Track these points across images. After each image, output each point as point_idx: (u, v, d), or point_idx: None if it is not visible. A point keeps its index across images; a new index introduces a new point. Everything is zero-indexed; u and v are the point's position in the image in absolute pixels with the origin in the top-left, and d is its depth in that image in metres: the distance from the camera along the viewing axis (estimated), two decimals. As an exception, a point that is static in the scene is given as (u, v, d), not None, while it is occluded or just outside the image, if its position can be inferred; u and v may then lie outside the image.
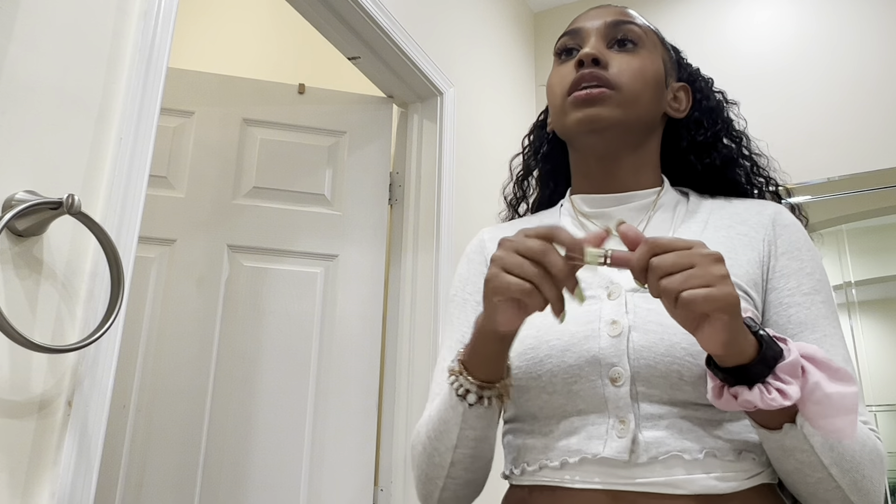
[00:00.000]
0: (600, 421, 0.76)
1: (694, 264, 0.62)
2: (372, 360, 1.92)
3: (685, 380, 0.73)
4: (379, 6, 1.82)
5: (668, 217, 0.89)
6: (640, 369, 0.74)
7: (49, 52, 1.00)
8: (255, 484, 1.76)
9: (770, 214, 0.86)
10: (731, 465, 0.73)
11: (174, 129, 1.95)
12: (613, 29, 0.89)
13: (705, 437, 0.73)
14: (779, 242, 0.84)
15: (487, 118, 2.41)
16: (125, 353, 1.72)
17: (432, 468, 0.82)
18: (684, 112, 0.95)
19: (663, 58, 0.93)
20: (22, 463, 0.90)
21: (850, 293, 2.40)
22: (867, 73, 2.33)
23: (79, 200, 0.89)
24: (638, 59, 0.88)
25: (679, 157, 0.97)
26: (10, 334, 0.85)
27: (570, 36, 0.92)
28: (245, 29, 2.75)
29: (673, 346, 0.74)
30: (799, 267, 0.82)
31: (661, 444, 0.72)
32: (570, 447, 0.76)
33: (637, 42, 0.89)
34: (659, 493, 0.71)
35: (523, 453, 0.81)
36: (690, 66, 1.01)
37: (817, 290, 0.81)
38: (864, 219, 2.41)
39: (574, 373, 0.77)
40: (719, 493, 0.71)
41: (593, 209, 0.91)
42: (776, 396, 0.63)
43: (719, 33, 2.59)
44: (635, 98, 0.86)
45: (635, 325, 0.77)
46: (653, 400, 0.75)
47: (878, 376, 2.27)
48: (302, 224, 1.97)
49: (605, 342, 0.77)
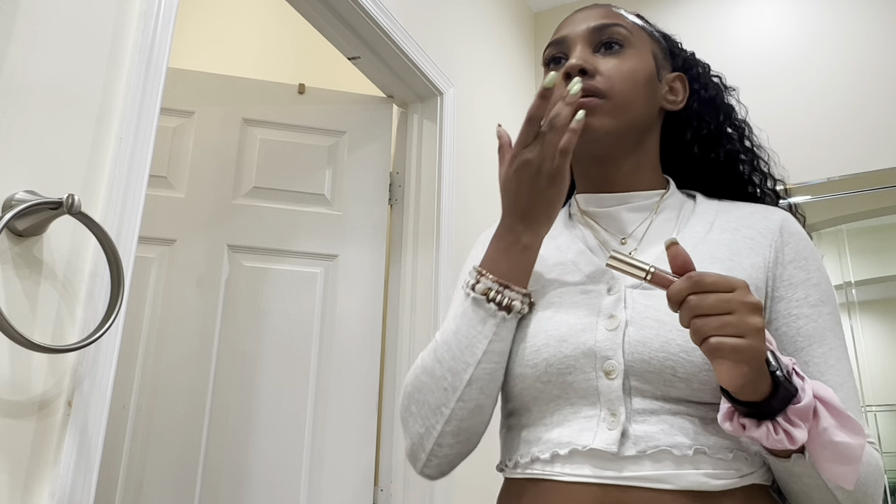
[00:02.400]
0: (592, 413, 0.76)
1: (732, 311, 0.62)
2: (372, 360, 1.92)
3: (679, 376, 0.73)
4: (379, 6, 1.82)
5: (673, 217, 0.89)
6: (634, 363, 0.75)
7: (49, 52, 1.00)
8: (255, 484, 1.76)
9: (778, 221, 0.86)
10: (722, 463, 0.72)
11: (174, 129, 1.95)
12: (598, 33, 0.88)
13: (696, 434, 0.73)
14: (786, 250, 0.83)
15: (487, 118, 2.41)
16: (125, 353, 1.72)
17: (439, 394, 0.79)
18: (682, 103, 0.93)
19: (653, 52, 0.92)
20: (22, 463, 0.90)
21: (850, 293, 2.40)
22: (867, 74, 2.33)
23: (79, 200, 0.89)
24: (626, 61, 0.87)
25: (682, 150, 0.96)
26: (10, 334, 0.85)
27: (556, 45, 0.92)
28: (245, 29, 2.75)
29: (668, 343, 0.74)
30: (806, 277, 0.82)
31: (650, 438, 0.72)
32: (560, 439, 0.76)
33: (623, 43, 0.88)
34: (647, 487, 0.71)
35: (517, 446, 0.81)
36: (685, 52, 0.99)
37: (824, 302, 0.82)
38: (864, 219, 2.41)
39: (569, 364, 0.77)
40: (709, 489, 0.71)
41: (596, 208, 0.91)
42: (783, 438, 0.64)
43: (719, 33, 2.59)
44: (626, 103, 0.85)
45: (632, 319, 0.77)
46: (645, 395, 0.75)
47: (878, 376, 2.27)
48: (302, 224, 1.97)
49: (602, 335, 0.77)
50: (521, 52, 2.80)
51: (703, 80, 0.97)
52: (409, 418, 0.83)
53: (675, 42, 0.99)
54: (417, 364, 0.84)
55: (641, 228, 0.88)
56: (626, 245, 0.87)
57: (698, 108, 0.95)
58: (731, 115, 0.97)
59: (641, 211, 0.89)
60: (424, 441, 0.81)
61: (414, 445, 0.83)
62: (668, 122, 0.95)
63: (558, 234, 0.92)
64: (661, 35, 0.97)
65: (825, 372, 0.78)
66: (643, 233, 0.88)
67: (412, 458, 0.84)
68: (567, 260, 0.87)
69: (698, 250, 0.83)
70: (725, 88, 0.99)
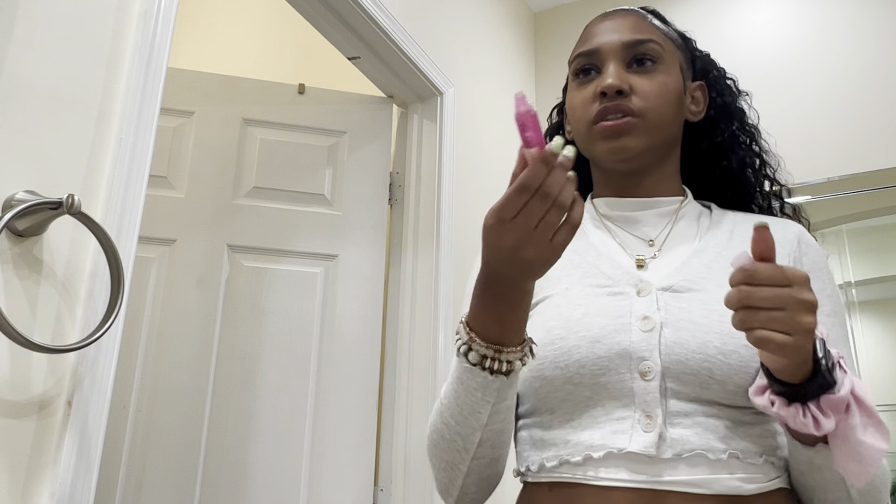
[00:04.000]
0: (625, 415, 0.75)
1: (784, 307, 0.61)
2: (372, 360, 1.92)
3: (715, 378, 0.73)
4: (379, 6, 1.81)
5: (693, 225, 0.89)
6: (671, 365, 0.74)
7: (49, 52, 1.00)
8: (255, 484, 1.76)
9: (795, 233, 0.87)
10: (753, 468, 0.73)
11: (174, 129, 1.95)
12: (632, 49, 0.88)
13: (730, 437, 0.73)
14: (804, 261, 0.84)
15: (487, 118, 2.41)
16: (125, 353, 1.72)
17: (454, 454, 0.79)
18: (702, 114, 0.94)
19: (681, 64, 0.92)
20: (22, 463, 0.90)
21: (850, 293, 2.40)
22: (867, 74, 2.33)
23: (79, 200, 0.89)
24: (658, 79, 0.87)
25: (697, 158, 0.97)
26: (10, 334, 0.85)
27: (587, 57, 0.90)
28: (245, 29, 2.75)
29: (705, 345, 0.74)
30: (821, 288, 0.83)
31: (685, 441, 0.72)
32: (593, 441, 0.75)
33: (656, 59, 0.88)
34: (683, 492, 0.71)
35: (541, 448, 0.80)
36: (702, 54, 0.99)
37: (836, 313, 0.83)
38: (864, 219, 2.41)
39: (603, 364, 0.76)
40: (743, 494, 0.71)
41: (617, 212, 0.91)
42: (809, 423, 0.64)
43: (719, 33, 2.59)
44: (660, 122, 0.86)
45: (667, 321, 0.76)
46: (681, 397, 0.74)
47: (878, 376, 2.27)
48: (302, 224, 1.97)
49: (637, 336, 0.76)
50: (521, 53, 2.80)
51: (719, 86, 0.98)
52: (434, 466, 0.84)
53: (693, 45, 0.99)
54: (432, 418, 0.83)
55: (664, 233, 0.88)
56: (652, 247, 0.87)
57: (715, 115, 0.96)
58: (743, 119, 0.98)
59: (664, 216, 0.90)
60: (450, 489, 0.83)
61: (442, 489, 0.84)
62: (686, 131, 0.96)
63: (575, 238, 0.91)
64: (683, 39, 0.97)
65: None
66: (665, 237, 0.88)
67: (444, 496, 0.85)
68: (588, 263, 0.87)
69: (722, 256, 0.83)
70: (739, 93, 0.99)
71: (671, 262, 0.84)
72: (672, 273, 0.82)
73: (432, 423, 0.83)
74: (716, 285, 0.79)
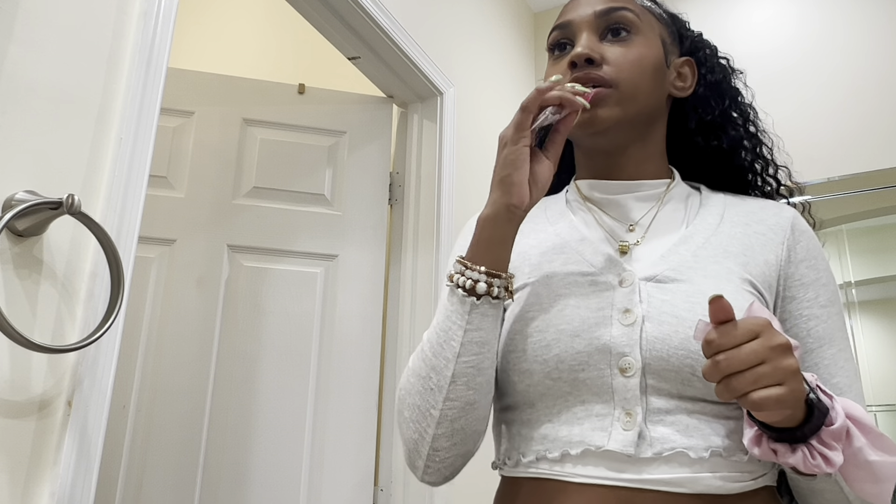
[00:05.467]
0: (605, 412, 0.73)
1: (764, 360, 0.59)
2: (372, 360, 1.92)
3: (697, 375, 0.71)
4: (379, 6, 1.81)
5: (681, 208, 0.86)
6: (652, 361, 0.72)
7: (49, 52, 1.00)
8: (255, 484, 1.76)
9: (789, 218, 0.84)
10: (736, 466, 0.71)
11: (174, 129, 1.95)
12: (604, 18, 0.85)
13: (712, 435, 0.71)
14: (798, 248, 0.82)
15: (487, 118, 2.41)
16: (125, 353, 1.72)
17: (427, 395, 0.75)
18: (690, 90, 0.90)
19: (662, 37, 0.88)
20: (22, 463, 0.90)
21: (850, 293, 2.40)
22: (867, 74, 2.33)
23: (79, 200, 0.89)
24: (634, 49, 0.84)
25: (686, 138, 0.93)
26: (10, 334, 0.85)
27: (561, 30, 0.88)
28: (245, 29, 2.75)
29: (687, 340, 0.71)
30: (816, 277, 0.81)
31: (666, 440, 0.70)
32: (571, 438, 0.73)
33: (631, 28, 0.85)
34: (663, 491, 0.69)
35: (518, 443, 0.78)
36: (692, 32, 0.96)
37: (833, 302, 0.81)
38: (864, 219, 2.41)
39: (582, 360, 0.74)
40: (724, 493, 0.70)
41: (601, 195, 0.88)
42: (820, 463, 0.62)
43: (719, 33, 2.59)
44: (634, 92, 0.82)
45: (649, 315, 0.74)
46: (661, 394, 0.72)
47: (878, 376, 2.27)
48: (302, 224, 1.97)
49: (617, 330, 0.74)
50: (521, 52, 2.80)
51: (709, 63, 0.94)
52: (403, 424, 0.79)
53: (682, 23, 0.96)
54: (408, 366, 0.80)
55: (648, 217, 0.85)
56: (634, 232, 0.84)
57: (704, 92, 0.92)
58: (737, 98, 0.94)
59: (648, 200, 0.86)
60: (419, 447, 0.77)
61: (410, 452, 0.79)
62: (673, 108, 0.92)
63: (557, 220, 0.89)
64: (670, 16, 0.93)
65: (835, 374, 0.77)
66: (650, 221, 0.85)
67: (411, 465, 0.80)
68: (569, 248, 0.84)
69: (711, 243, 0.81)
70: (732, 71, 0.96)
71: (656, 249, 0.82)
72: (657, 261, 0.79)
73: (410, 366, 0.79)
74: (702, 275, 0.77)
